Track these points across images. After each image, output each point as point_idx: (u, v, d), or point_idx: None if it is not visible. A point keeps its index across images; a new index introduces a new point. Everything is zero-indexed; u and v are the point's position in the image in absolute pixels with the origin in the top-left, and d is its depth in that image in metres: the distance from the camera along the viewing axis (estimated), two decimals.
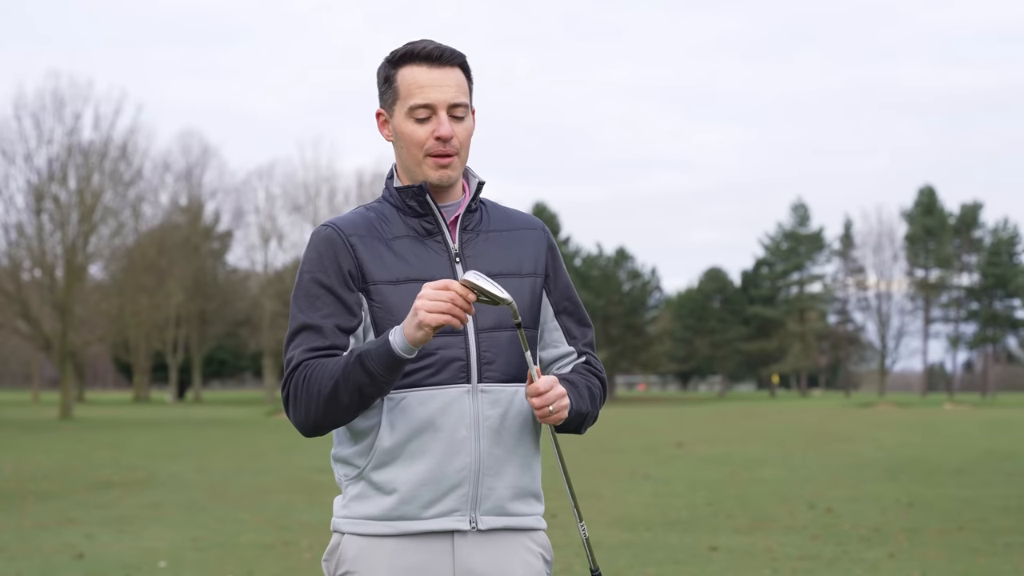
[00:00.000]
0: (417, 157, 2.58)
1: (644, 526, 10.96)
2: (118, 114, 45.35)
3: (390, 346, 2.38)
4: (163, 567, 8.75)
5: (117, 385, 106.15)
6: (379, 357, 2.39)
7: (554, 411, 2.48)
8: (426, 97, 2.55)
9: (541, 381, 2.48)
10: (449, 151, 2.57)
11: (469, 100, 2.61)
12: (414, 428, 2.50)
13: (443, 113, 2.56)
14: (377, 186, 61.69)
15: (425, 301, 2.34)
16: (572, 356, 2.72)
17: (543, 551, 2.65)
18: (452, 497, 2.51)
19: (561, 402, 2.49)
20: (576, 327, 2.73)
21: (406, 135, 2.58)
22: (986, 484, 15.06)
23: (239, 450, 22.80)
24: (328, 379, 2.44)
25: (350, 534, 2.56)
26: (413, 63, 2.57)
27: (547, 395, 2.47)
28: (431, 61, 2.56)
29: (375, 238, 2.57)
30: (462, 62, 2.61)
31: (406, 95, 2.57)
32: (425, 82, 2.55)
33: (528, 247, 2.68)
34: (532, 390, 2.48)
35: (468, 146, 2.62)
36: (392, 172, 2.68)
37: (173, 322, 64.99)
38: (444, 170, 2.58)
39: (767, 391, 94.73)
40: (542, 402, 2.47)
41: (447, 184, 2.60)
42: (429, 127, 2.56)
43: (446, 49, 2.58)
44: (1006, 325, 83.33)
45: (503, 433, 2.55)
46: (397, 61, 2.59)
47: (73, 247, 42.69)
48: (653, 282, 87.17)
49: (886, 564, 8.86)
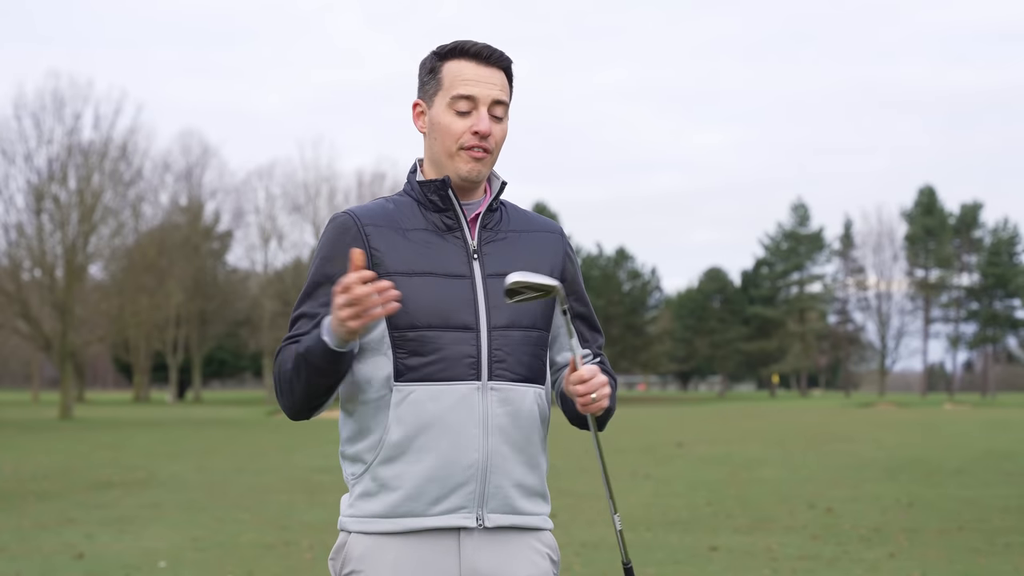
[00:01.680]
0: (451, 149, 2.56)
1: (644, 526, 10.95)
2: (118, 114, 45.44)
3: (325, 343, 2.39)
4: (163, 567, 8.75)
5: (117, 385, 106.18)
6: (320, 353, 2.40)
7: (597, 399, 2.47)
8: (470, 89, 2.54)
9: (585, 368, 2.47)
10: (485, 147, 2.56)
11: (508, 104, 2.61)
12: (422, 423, 2.48)
13: (484, 109, 2.55)
14: (377, 186, 61.73)
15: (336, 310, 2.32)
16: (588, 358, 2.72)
17: (550, 551, 2.64)
18: (459, 494, 2.49)
19: (604, 390, 2.49)
20: (588, 332, 2.73)
21: (443, 126, 2.56)
22: (986, 484, 15.06)
23: (239, 450, 22.79)
24: (289, 363, 2.47)
25: (356, 533, 2.54)
26: (462, 58, 2.57)
27: (592, 382, 2.46)
28: (480, 59, 2.57)
29: (392, 228, 2.55)
30: (508, 66, 2.61)
31: (450, 86, 2.56)
32: (471, 76, 2.55)
33: (546, 250, 2.67)
34: (576, 377, 2.47)
35: (500, 148, 2.61)
36: (415, 167, 2.67)
37: (173, 322, 65.01)
38: (476, 164, 2.56)
39: (767, 391, 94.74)
40: (586, 388, 2.46)
41: (476, 180, 2.58)
42: (468, 121, 2.55)
43: (496, 50, 2.59)
44: (1006, 325, 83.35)
45: (511, 431, 2.53)
46: (445, 55, 2.59)
47: (73, 247, 42.69)
48: (653, 282, 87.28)
49: (886, 564, 8.86)
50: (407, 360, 2.49)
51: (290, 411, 2.55)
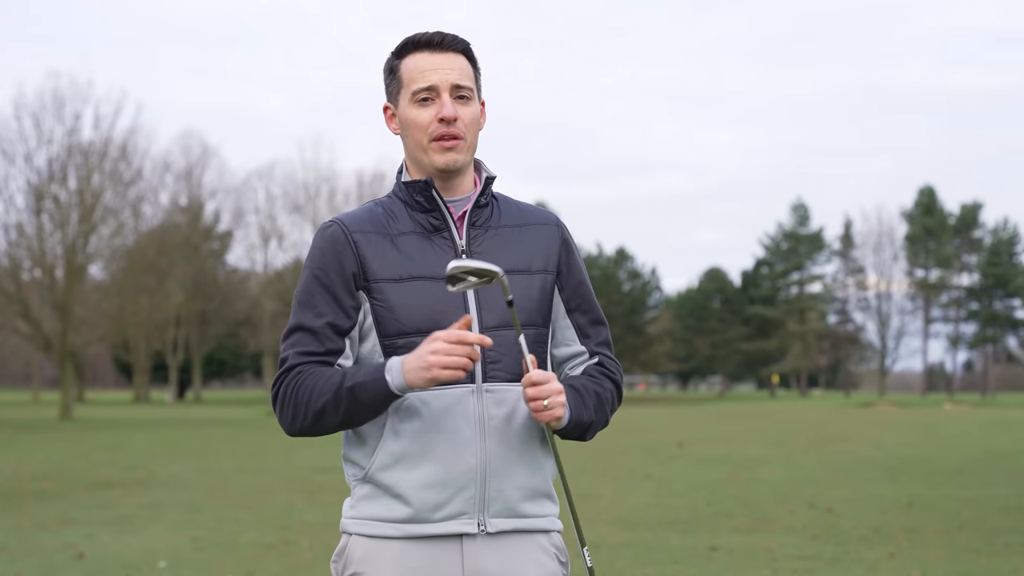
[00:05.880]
0: (422, 143, 2.54)
1: (644, 526, 10.95)
2: (118, 114, 45.38)
3: (387, 384, 2.36)
4: (163, 567, 8.75)
5: (117, 385, 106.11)
6: (375, 393, 2.38)
7: (548, 407, 2.39)
8: (428, 80, 2.52)
9: (535, 372, 2.39)
10: (454, 132, 2.52)
11: (475, 87, 2.58)
12: (418, 429, 2.46)
13: (446, 95, 2.52)
14: (377, 186, 61.67)
15: (440, 357, 2.30)
16: (584, 356, 2.65)
17: (558, 552, 2.60)
18: (459, 499, 2.46)
19: (557, 399, 2.41)
20: (589, 325, 2.65)
21: (411, 120, 2.54)
22: (986, 484, 15.06)
23: (239, 450, 22.79)
24: (319, 395, 2.42)
25: (358, 535, 2.53)
26: (416, 51, 2.56)
27: (543, 387, 2.39)
28: (432, 47, 2.55)
29: (380, 234, 2.53)
30: (465, 48, 2.58)
31: (409, 81, 2.54)
32: (427, 66, 2.53)
33: (540, 243, 2.61)
34: (526, 380, 2.41)
35: (476, 132, 2.57)
36: (402, 168, 2.65)
37: (173, 322, 65.02)
38: (450, 153, 2.52)
39: (767, 391, 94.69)
40: (536, 393, 2.39)
41: (454, 168, 2.54)
42: (432, 110, 2.52)
43: (447, 35, 2.56)
44: (1006, 325, 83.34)
45: (509, 433, 2.49)
46: (400, 52, 2.58)
47: (73, 247, 42.67)
48: (653, 282, 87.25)
49: (886, 564, 8.85)
50: None
51: (296, 430, 2.51)
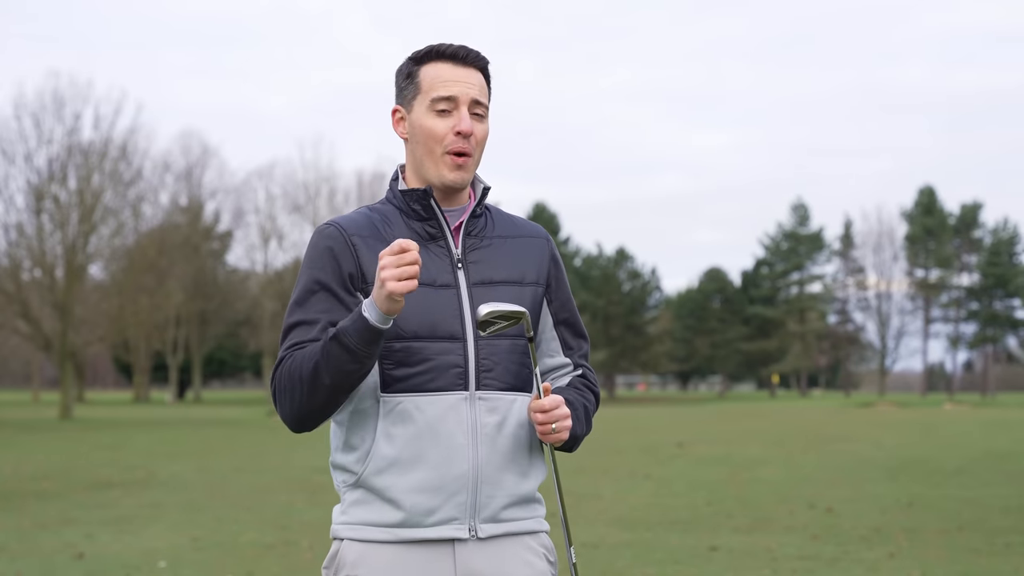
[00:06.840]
0: (435, 153, 2.55)
1: (644, 526, 10.96)
2: (118, 114, 45.36)
3: (366, 320, 2.35)
4: (163, 567, 8.75)
5: (117, 385, 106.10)
6: (356, 332, 2.36)
7: (556, 431, 2.50)
8: (449, 90, 2.54)
9: (547, 399, 2.49)
10: (467, 149, 2.55)
11: (488, 106, 2.62)
12: (411, 434, 2.47)
13: (465, 109, 2.55)
14: (377, 186, 61.66)
15: (390, 270, 2.30)
16: (568, 368, 2.72)
17: (546, 552, 2.65)
18: (451, 505, 2.49)
19: (564, 423, 2.51)
20: (573, 338, 2.73)
21: (426, 129, 2.56)
22: (986, 484, 15.06)
23: (239, 450, 22.79)
24: (308, 362, 2.41)
25: (350, 540, 2.53)
26: (438, 60, 2.58)
27: (552, 413, 2.49)
28: (456, 60, 2.57)
29: (377, 239, 2.54)
30: (484, 66, 2.61)
31: (429, 89, 2.56)
32: (449, 77, 2.55)
33: (531, 256, 2.66)
34: (537, 406, 2.49)
35: (483, 149, 2.61)
36: (397, 174, 2.65)
37: (173, 322, 65.01)
38: (460, 171, 2.56)
39: (767, 391, 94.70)
40: (546, 419, 2.49)
41: (461, 186, 2.58)
42: (450, 121, 2.54)
43: (472, 51, 2.59)
44: (1006, 325, 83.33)
45: (501, 441, 2.53)
46: (421, 59, 2.60)
47: (73, 247, 42.67)
48: (653, 282, 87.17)
49: (886, 564, 8.86)
50: (394, 371, 2.48)
51: (298, 417, 2.49)
